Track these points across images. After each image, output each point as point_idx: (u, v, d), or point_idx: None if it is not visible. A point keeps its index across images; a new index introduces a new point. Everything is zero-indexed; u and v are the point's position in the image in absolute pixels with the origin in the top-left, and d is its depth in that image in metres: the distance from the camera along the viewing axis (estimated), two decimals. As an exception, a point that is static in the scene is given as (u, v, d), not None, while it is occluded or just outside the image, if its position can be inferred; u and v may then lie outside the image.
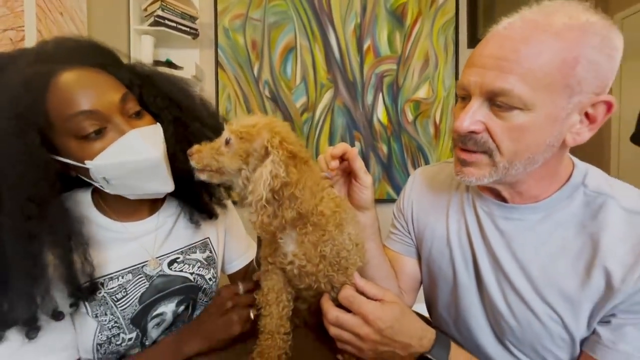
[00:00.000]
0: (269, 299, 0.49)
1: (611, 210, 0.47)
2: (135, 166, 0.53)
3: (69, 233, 0.50)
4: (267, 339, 0.47)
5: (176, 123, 0.61)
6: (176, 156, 0.59)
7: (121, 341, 0.56)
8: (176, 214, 0.68)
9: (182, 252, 0.66)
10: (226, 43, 1.90)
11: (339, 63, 1.94)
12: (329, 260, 0.47)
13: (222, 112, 1.90)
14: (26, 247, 0.46)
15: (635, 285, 0.42)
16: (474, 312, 0.56)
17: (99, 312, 0.54)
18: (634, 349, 0.42)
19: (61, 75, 0.50)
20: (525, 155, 0.46)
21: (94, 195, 0.60)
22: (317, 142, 1.95)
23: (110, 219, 0.60)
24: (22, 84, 0.47)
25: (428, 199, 0.67)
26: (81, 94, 0.50)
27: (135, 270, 0.59)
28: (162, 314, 0.60)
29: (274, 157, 0.42)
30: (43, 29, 1.12)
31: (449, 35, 1.96)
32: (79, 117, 0.50)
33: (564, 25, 0.42)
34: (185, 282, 0.64)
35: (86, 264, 0.51)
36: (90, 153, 0.51)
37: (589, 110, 0.44)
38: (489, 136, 0.46)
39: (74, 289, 0.50)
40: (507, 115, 0.44)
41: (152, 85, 0.60)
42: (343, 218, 0.48)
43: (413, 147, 1.98)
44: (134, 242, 0.61)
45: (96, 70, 0.53)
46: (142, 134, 0.53)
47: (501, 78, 0.42)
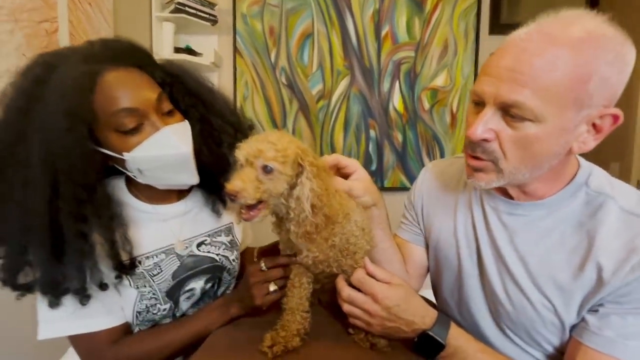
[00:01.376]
0: (293, 283, 0.55)
1: (609, 210, 0.49)
2: (167, 160, 0.59)
3: (111, 215, 0.57)
4: (288, 315, 0.53)
5: (201, 120, 0.66)
6: (201, 151, 0.65)
7: (157, 310, 0.63)
8: (202, 202, 0.74)
9: (209, 235, 0.72)
10: (244, 29, 1.91)
11: (356, 50, 1.93)
12: (339, 248, 0.52)
13: (240, 99, 1.94)
14: (78, 227, 0.52)
15: (623, 279, 0.45)
16: (475, 298, 0.60)
17: (140, 284, 0.61)
18: (617, 335, 0.45)
19: (106, 75, 0.55)
20: (531, 163, 0.48)
21: (127, 183, 0.67)
22: (332, 129, 1.97)
23: (142, 201, 0.66)
24: (72, 83, 0.52)
25: (438, 193, 0.70)
26: (123, 93, 0.55)
27: (168, 250, 0.66)
28: (192, 289, 0.67)
29: (307, 174, 0.45)
30: (74, 19, 1.17)
31: (469, 21, 1.91)
32: (121, 113, 0.55)
33: (580, 39, 0.43)
34: (213, 262, 0.70)
35: (126, 243, 0.58)
36: (128, 146, 0.57)
37: (596, 121, 0.46)
38: (497, 145, 0.48)
39: (116, 264, 0.57)
40: (519, 125, 0.46)
41: (181, 84, 0.66)
42: (349, 207, 0.52)
43: (428, 136, 1.98)
44: (164, 224, 0.67)
45: (135, 70, 0.59)
46: (174, 131, 0.59)
47: (516, 91, 0.44)
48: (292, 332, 0.51)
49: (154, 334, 0.62)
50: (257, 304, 0.58)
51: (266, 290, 0.58)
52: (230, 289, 0.77)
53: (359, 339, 0.52)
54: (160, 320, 0.66)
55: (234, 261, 0.75)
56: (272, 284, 0.58)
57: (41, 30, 1.05)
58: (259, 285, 0.58)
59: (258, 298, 0.58)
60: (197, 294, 0.69)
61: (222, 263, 0.72)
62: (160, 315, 0.64)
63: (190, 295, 0.68)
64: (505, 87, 0.45)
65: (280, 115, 1.97)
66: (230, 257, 0.74)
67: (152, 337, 0.62)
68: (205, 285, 0.69)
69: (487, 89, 0.47)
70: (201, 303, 0.71)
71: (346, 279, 0.54)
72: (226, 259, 0.73)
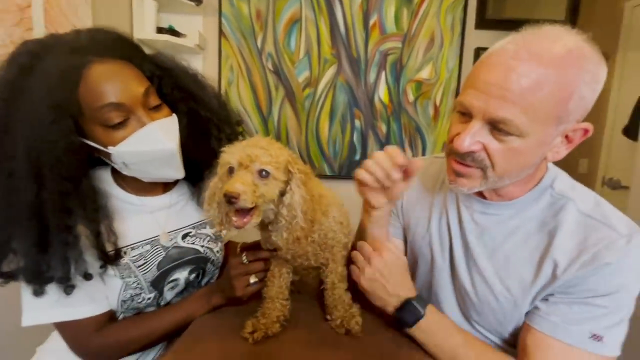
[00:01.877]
0: (272, 273, 0.58)
1: (569, 211, 0.54)
2: (152, 155, 0.59)
3: (96, 207, 0.57)
4: (268, 303, 0.56)
5: (190, 114, 0.66)
6: (188, 144, 0.65)
7: (141, 300, 0.65)
8: (188, 194, 0.75)
9: (194, 227, 0.73)
10: (230, 11, 1.86)
11: (343, 38, 1.92)
12: (318, 243, 0.55)
13: (225, 84, 1.91)
14: (63, 219, 0.53)
15: (574, 274, 0.51)
16: (445, 289, 0.65)
17: (125, 274, 0.63)
18: (562, 321, 0.51)
19: (92, 68, 0.54)
20: (514, 172, 0.53)
21: (113, 173, 0.67)
22: (318, 118, 1.97)
23: (128, 192, 0.66)
24: (58, 75, 0.52)
25: (416, 191, 0.74)
26: (109, 87, 0.55)
27: (153, 241, 0.67)
28: (176, 280, 0.69)
29: (297, 181, 0.47)
30: (48, -6, 1.11)
31: (456, 15, 1.92)
32: (107, 108, 0.55)
33: (563, 60, 0.45)
34: (197, 253, 0.72)
35: (111, 234, 0.59)
36: (113, 140, 0.57)
37: (569, 134, 0.51)
38: (486, 155, 0.51)
39: (101, 255, 0.58)
40: (505, 139, 0.49)
41: (171, 78, 0.65)
42: (327, 204, 0.55)
43: (412, 128, 2.02)
44: (149, 215, 0.68)
45: (123, 63, 0.58)
46: (159, 126, 0.59)
47: (504, 108, 0.46)
48: (272, 319, 0.54)
49: (138, 322, 0.64)
50: (237, 295, 0.60)
51: (246, 282, 0.61)
52: (214, 279, 0.79)
53: (335, 325, 0.56)
54: (145, 309, 0.68)
55: (217, 252, 0.77)
56: (252, 276, 0.60)
57: (12, 5, 0.99)
58: (240, 277, 0.61)
59: (239, 289, 0.60)
60: (182, 284, 0.71)
61: (206, 254, 0.74)
62: (145, 304, 0.66)
63: (174, 285, 0.70)
64: (494, 104, 0.47)
65: (266, 102, 1.95)
66: (214, 249, 0.76)
67: (136, 324, 0.64)
68: (190, 275, 0.71)
69: (476, 103, 0.49)
70: (185, 293, 0.73)
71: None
72: (210, 250, 0.75)
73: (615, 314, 0.50)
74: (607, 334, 0.49)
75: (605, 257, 0.49)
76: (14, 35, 1.01)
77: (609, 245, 0.49)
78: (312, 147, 2.00)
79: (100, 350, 0.61)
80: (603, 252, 0.49)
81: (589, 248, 0.50)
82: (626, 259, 0.49)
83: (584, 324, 0.50)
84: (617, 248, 0.49)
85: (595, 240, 0.50)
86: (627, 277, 0.50)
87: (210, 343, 0.50)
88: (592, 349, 0.49)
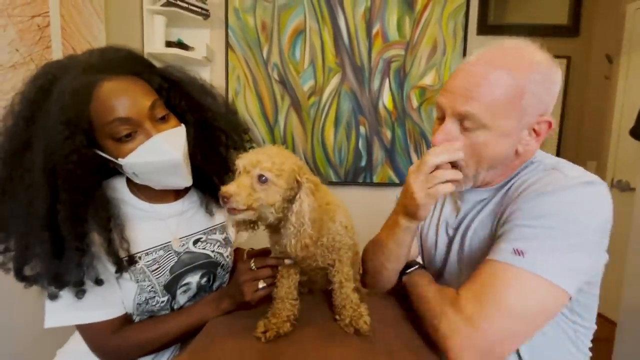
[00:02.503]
0: (281, 274, 0.60)
1: (530, 169, 0.59)
2: (158, 165, 0.62)
3: (109, 217, 0.61)
4: (278, 303, 0.58)
5: (199, 123, 0.70)
6: (197, 154, 0.68)
7: (155, 303, 0.67)
8: (198, 202, 0.78)
9: (204, 233, 0.76)
10: (236, 24, 1.92)
11: (347, 47, 1.96)
12: (325, 246, 0.57)
13: (232, 94, 1.96)
14: (76, 228, 0.56)
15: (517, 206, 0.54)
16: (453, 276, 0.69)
17: (139, 278, 0.65)
18: (496, 244, 0.53)
19: (102, 86, 0.58)
20: (486, 165, 0.58)
21: (128, 182, 0.70)
22: (323, 126, 2.01)
23: (141, 200, 0.69)
24: (71, 95, 0.56)
25: None
26: (117, 102, 0.58)
27: (166, 247, 0.70)
28: (188, 284, 0.72)
29: (306, 190, 0.49)
30: (65, 13, 1.17)
31: (458, 22, 1.96)
32: (115, 122, 0.59)
33: (514, 65, 0.54)
34: (208, 258, 0.74)
35: (123, 242, 0.62)
36: (122, 152, 0.60)
37: (535, 127, 0.57)
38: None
39: (115, 261, 0.60)
40: (471, 134, 0.56)
41: (179, 89, 0.69)
42: (334, 210, 0.57)
43: (416, 134, 2.04)
44: (162, 222, 0.71)
45: (131, 79, 0.62)
46: (164, 138, 0.62)
47: (467, 103, 0.55)
48: (283, 319, 0.56)
49: (153, 324, 0.66)
50: (246, 300, 0.62)
51: (255, 287, 0.62)
52: (225, 283, 0.81)
53: (344, 325, 0.57)
54: (159, 312, 0.70)
55: (227, 257, 0.79)
56: (261, 281, 0.62)
57: (33, 25, 1.05)
58: (249, 282, 0.62)
59: (248, 294, 0.62)
60: (194, 288, 0.73)
61: (216, 259, 0.76)
62: (159, 307, 0.68)
63: (186, 289, 0.72)
64: (460, 101, 0.56)
65: (272, 111, 1.99)
66: (224, 254, 0.78)
67: (151, 326, 0.66)
68: (201, 279, 0.74)
69: (445, 101, 0.58)
70: (197, 297, 0.75)
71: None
72: (220, 255, 0.77)
73: (547, 238, 0.50)
74: (531, 251, 0.49)
75: (545, 189, 0.52)
76: (34, 52, 1.07)
77: (551, 181, 0.53)
78: (318, 154, 2.03)
79: (118, 350, 0.63)
80: (544, 187, 0.53)
81: (535, 185, 0.55)
82: (564, 191, 0.51)
83: (511, 242, 0.51)
84: (558, 183, 0.52)
85: (543, 182, 0.54)
86: (564, 206, 0.50)
87: (225, 343, 0.51)
88: (513, 262, 0.49)
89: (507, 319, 0.48)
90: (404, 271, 0.70)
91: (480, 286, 0.51)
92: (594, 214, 0.51)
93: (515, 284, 0.49)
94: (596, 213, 0.51)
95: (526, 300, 0.49)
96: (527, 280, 0.49)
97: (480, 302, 0.49)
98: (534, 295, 0.49)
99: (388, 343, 0.53)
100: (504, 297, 0.48)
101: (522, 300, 0.49)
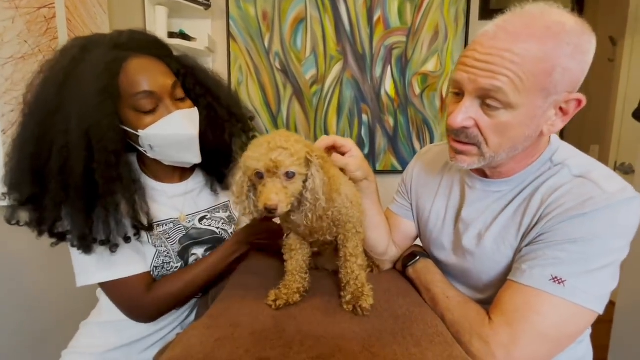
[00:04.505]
0: (292, 248, 0.62)
1: (560, 176, 0.55)
2: (175, 139, 0.67)
3: (133, 179, 0.65)
4: (289, 276, 0.61)
5: (208, 108, 0.74)
6: (206, 135, 0.73)
7: (170, 268, 0.73)
8: (203, 182, 0.82)
9: (209, 211, 0.81)
10: (237, 14, 1.92)
11: (348, 35, 1.96)
12: (332, 219, 0.59)
13: (234, 84, 1.97)
14: (109, 186, 0.60)
15: (548, 224, 0.51)
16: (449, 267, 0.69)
17: (157, 243, 0.71)
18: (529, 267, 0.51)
19: (131, 62, 0.63)
20: (508, 146, 0.54)
21: (138, 161, 0.75)
22: (326, 114, 2.02)
23: (150, 178, 0.74)
24: (104, 66, 0.60)
25: (424, 173, 0.78)
26: (144, 77, 0.63)
27: (175, 221, 0.75)
28: (195, 254, 0.77)
29: (317, 167, 0.51)
30: (70, 5, 1.19)
31: (460, 7, 1.94)
32: (141, 95, 0.63)
33: (542, 35, 0.48)
34: (213, 234, 0.79)
35: (144, 205, 0.66)
36: (143, 123, 0.65)
37: (562, 105, 0.52)
38: (478, 131, 0.53)
39: (136, 222, 0.65)
40: (494, 113, 0.51)
41: (193, 76, 0.74)
42: (340, 183, 0.58)
43: (419, 121, 2.04)
44: (169, 200, 0.76)
45: (155, 59, 0.67)
46: (183, 115, 0.67)
47: (493, 77, 0.49)
48: (293, 290, 0.59)
49: (180, 274, 0.72)
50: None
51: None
52: None
53: (345, 301, 0.58)
54: None
55: (231, 234, 0.84)
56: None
57: (40, 17, 1.07)
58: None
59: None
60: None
61: (221, 235, 0.81)
62: (173, 272, 0.73)
63: (196, 259, 0.77)
64: (483, 75, 0.50)
65: (275, 100, 2.01)
66: (228, 230, 0.83)
67: (179, 276, 0.71)
68: (206, 253, 0.78)
69: (466, 76, 0.51)
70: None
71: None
72: (225, 231, 0.82)
73: (584, 261, 0.48)
74: (570, 279, 0.48)
75: (582, 209, 0.49)
76: (41, 43, 1.09)
77: (588, 199, 0.49)
78: (321, 142, 2.04)
79: (155, 305, 0.68)
80: (581, 204, 0.49)
81: (568, 202, 0.51)
82: (604, 212, 0.48)
83: (547, 268, 0.49)
84: (595, 201, 0.49)
85: (576, 195, 0.51)
86: (603, 229, 0.48)
87: (240, 309, 0.54)
88: (553, 292, 0.48)
89: (542, 345, 0.48)
90: (408, 262, 0.71)
91: (514, 312, 0.50)
92: (631, 231, 0.50)
93: (553, 313, 0.48)
94: (632, 230, 0.50)
95: (563, 327, 0.49)
96: (566, 310, 0.48)
97: (515, 331, 0.48)
98: (571, 322, 0.49)
99: (394, 309, 0.56)
100: (540, 327, 0.48)
101: (558, 328, 0.48)
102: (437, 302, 0.59)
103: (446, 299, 0.58)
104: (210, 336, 0.47)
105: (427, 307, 0.59)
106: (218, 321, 0.50)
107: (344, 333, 0.48)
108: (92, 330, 0.74)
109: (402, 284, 0.68)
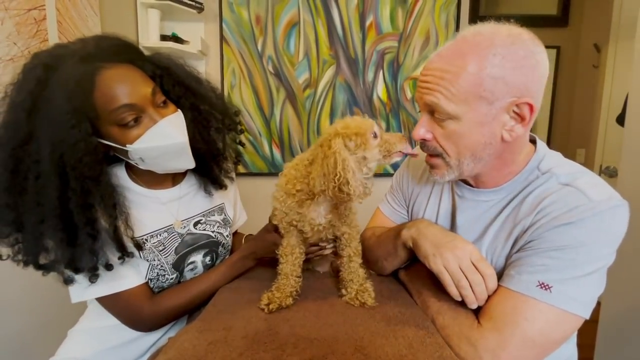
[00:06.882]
0: (286, 251, 0.63)
1: (548, 184, 0.56)
2: (166, 149, 0.64)
3: (114, 203, 0.62)
4: (283, 279, 0.61)
5: (192, 108, 0.71)
6: (194, 137, 0.70)
7: (165, 280, 0.71)
8: (196, 185, 0.80)
9: (203, 215, 0.79)
10: (230, 17, 1.92)
11: (341, 39, 1.98)
12: (341, 214, 0.60)
13: (227, 88, 1.97)
14: (86, 214, 0.58)
15: (536, 232, 0.53)
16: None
17: (149, 258, 0.69)
18: (517, 272, 0.53)
19: (103, 74, 0.59)
20: (467, 154, 0.57)
21: (127, 169, 0.72)
22: (318, 117, 2.03)
23: (141, 186, 0.72)
24: (74, 84, 0.56)
25: (418, 180, 0.79)
26: (121, 90, 0.60)
27: (169, 229, 0.73)
28: (194, 262, 0.76)
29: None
30: (61, 7, 1.18)
31: (450, 13, 1.98)
32: (121, 109, 0.60)
33: (470, 51, 0.52)
34: (209, 238, 0.78)
35: (128, 229, 0.64)
36: (129, 138, 0.62)
37: (515, 110, 0.54)
38: (437, 142, 0.58)
39: (119, 247, 0.62)
40: (443, 124, 0.56)
41: (170, 75, 0.70)
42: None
43: (410, 124, 2.07)
44: (163, 206, 0.74)
45: (129, 66, 0.63)
46: (169, 122, 0.64)
47: (430, 94, 0.56)
48: (286, 294, 0.59)
49: (183, 287, 0.71)
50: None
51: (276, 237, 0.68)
52: None
53: (350, 298, 0.60)
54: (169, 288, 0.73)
55: (227, 236, 0.83)
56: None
57: (30, 19, 1.06)
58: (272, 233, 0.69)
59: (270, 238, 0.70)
60: (200, 267, 0.77)
61: (217, 238, 0.80)
62: (168, 284, 0.72)
63: (193, 267, 0.76)
64: (425, 92, 0.57)
65: (268, 104, 2.01)
66: (224, 233, 0.82)
67: (182, 289, 0.70)
68: (205, 258, 0.77)
69: (417, 95, 0.60)
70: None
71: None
72: (220, 234, 0.81)
73: (571, 268, 0.50)
74: (557, 285, 0.49)
75: (568, 218, 0.50)
76: (31, 45, 1.07)
77: (575, 207, 0.51)
78: (314, 145, 2.05)
79: (157, 318, 0.67)
80: (567, 213, 0.51)
81: (555, 210, 0.52)
82: (590, 220, 0.50)
83: (534, 275, 0.51)
84: (581, 210, 0.50)
85: (563, 204, 0.52)
86: (589, 237, 0.50)
87: (234, 312, 0.54)
88: (540, 297, 0.49)
89: (529, 350, 0.49)
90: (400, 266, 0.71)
91: (502, 317, 0.51)
92: (617, 238, 0.51)
93: (540, 319, 0.49)
94: (619, 237, 0.51)
95: (550, 332, 0.50)
96: (553, 316, 0.49)
97: (503, 336, 0.50)
98: (558, 327, 0.50)
99: (385, 311, 0.57)
100: (528, 332, 0.49)
101: (545, 333, 0.49)
102: (428, 305, 0.60)
103: (437, 302, 0.59)
104: (204, 340, 0.47)
105: (419, 309, 0.60)
106: (211, 325, 0.50)
107: (337, 335, 0.49)
108: (81, 337, 0.72)
109: (394, 286, 0.69)
